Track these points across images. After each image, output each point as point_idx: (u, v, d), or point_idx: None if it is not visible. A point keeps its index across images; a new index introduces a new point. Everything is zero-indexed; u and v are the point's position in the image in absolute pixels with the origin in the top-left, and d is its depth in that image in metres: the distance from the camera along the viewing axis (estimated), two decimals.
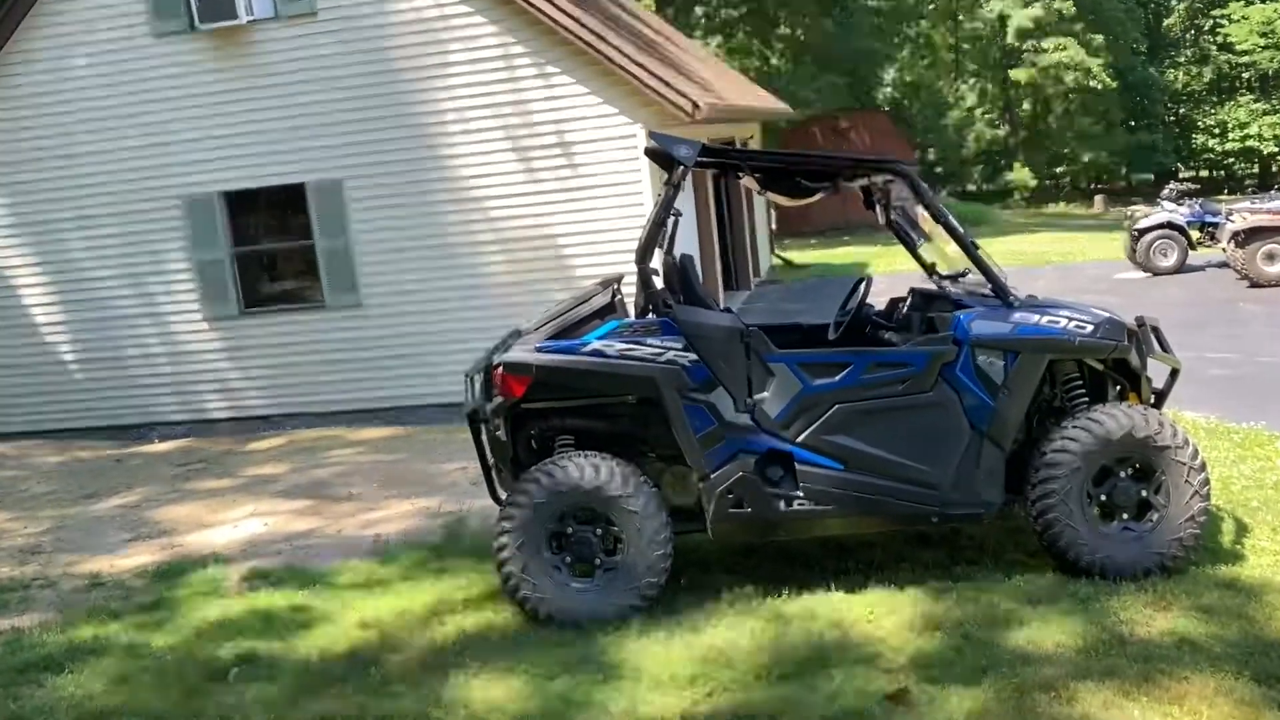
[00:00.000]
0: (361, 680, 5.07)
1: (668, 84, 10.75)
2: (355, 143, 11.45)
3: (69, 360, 12.36)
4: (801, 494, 5.51)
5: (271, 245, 12.24)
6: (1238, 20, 39.92)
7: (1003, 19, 41.59)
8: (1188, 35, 45.80)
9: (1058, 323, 5.55)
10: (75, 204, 12.00)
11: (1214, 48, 43.16)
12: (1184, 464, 5.45)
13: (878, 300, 6.73)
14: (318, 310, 11.86)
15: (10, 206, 12.15)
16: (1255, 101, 42.01)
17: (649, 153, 6.36)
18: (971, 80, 47.48)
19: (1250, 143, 41.04)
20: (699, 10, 33.14)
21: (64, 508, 9.15)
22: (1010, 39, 41.39)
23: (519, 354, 5.57)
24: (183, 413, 12.26)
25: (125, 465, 10.72)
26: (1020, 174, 42.46)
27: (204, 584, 6.71)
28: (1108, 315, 5.70)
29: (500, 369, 5.56)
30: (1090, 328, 5.57)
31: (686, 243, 11.95)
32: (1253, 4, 39.79)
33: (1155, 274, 17.06)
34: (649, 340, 5.52)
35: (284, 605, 6.18)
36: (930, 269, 6.36)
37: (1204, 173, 45.64)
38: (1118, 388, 5.87)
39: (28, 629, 6.20)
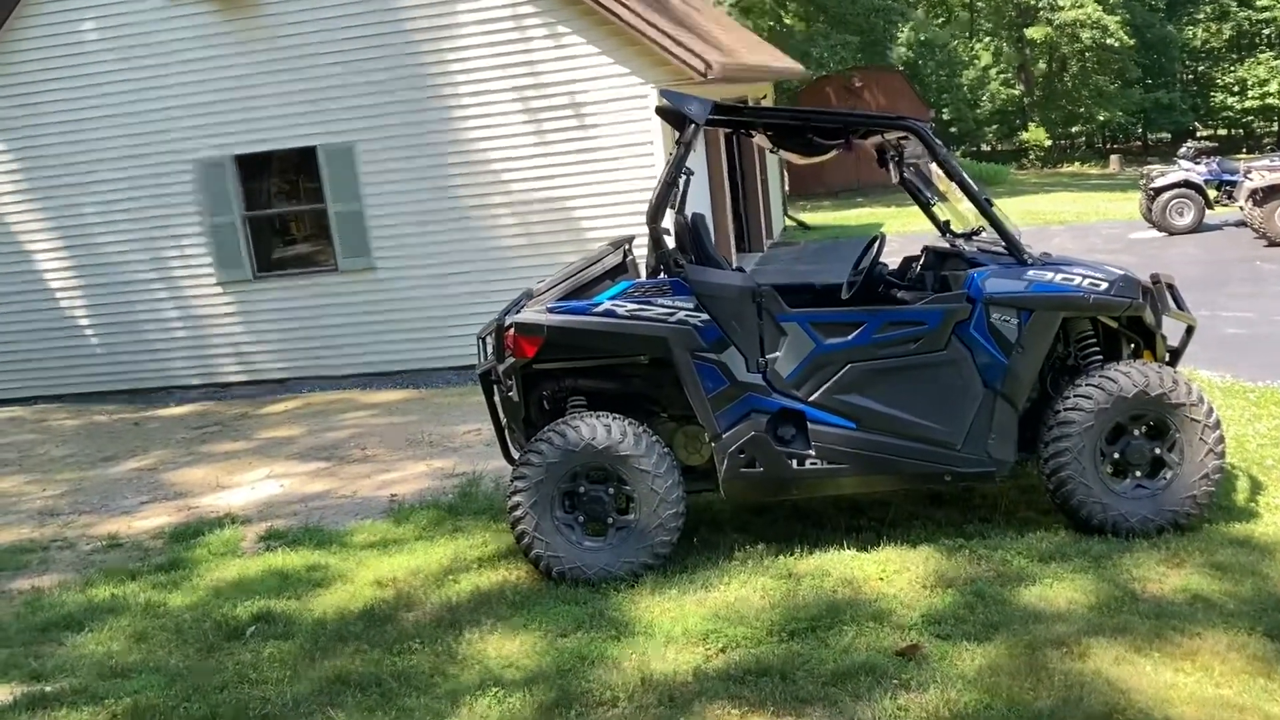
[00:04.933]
0: (377, 637, 5.12)
1: (680, 43, 10.67)
2: (367, 105, 11.41)
3: (85, 325, 12.42)
4: (814, 453, 5.51)
5: (284, 209, 12.27)
6: None
7: None
8: None
9: (1072, 280, 5.51)
10: (88, 170, 12.01)
11: (1234, 4, 42.55)
12: (1198, 421, 5.42)
13: (891, 259, 6.70)
14: (331, 274, 11.88)
15: (24, 173, 12.15)
16: (1275, 59, 41.49)
17: (660, 111, 6.31)
18: (986, 39, 46.98)
19: (1270, 100, 40.61)
20: None
21: (82, 470, 9.23)
22: None
23: (531, 315, 5.56)
24: (198, 376, 12.32)
25: (142, 429, 10.80)
26: (1035, 133, 42.11)
27: (220, 544, 6.77)
28: (1123, 273, 5.66)
29: (512, 330, 5.56)
30: (1105, 285, 5.53)
31: (698, 203, 11.91)
32: None
33: (1171, 233, 16.94)
34: (660, 300, 5.51)
35: (300, 565, 6.23)
36: (944, 227, 6.31)
37: (1222, 131, 45.18)
38: (1132, 345, 5.84)
39: (48, 589, 6.29)
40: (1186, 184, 17.02)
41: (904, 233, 17.42)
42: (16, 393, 12.65)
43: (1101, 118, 41.98)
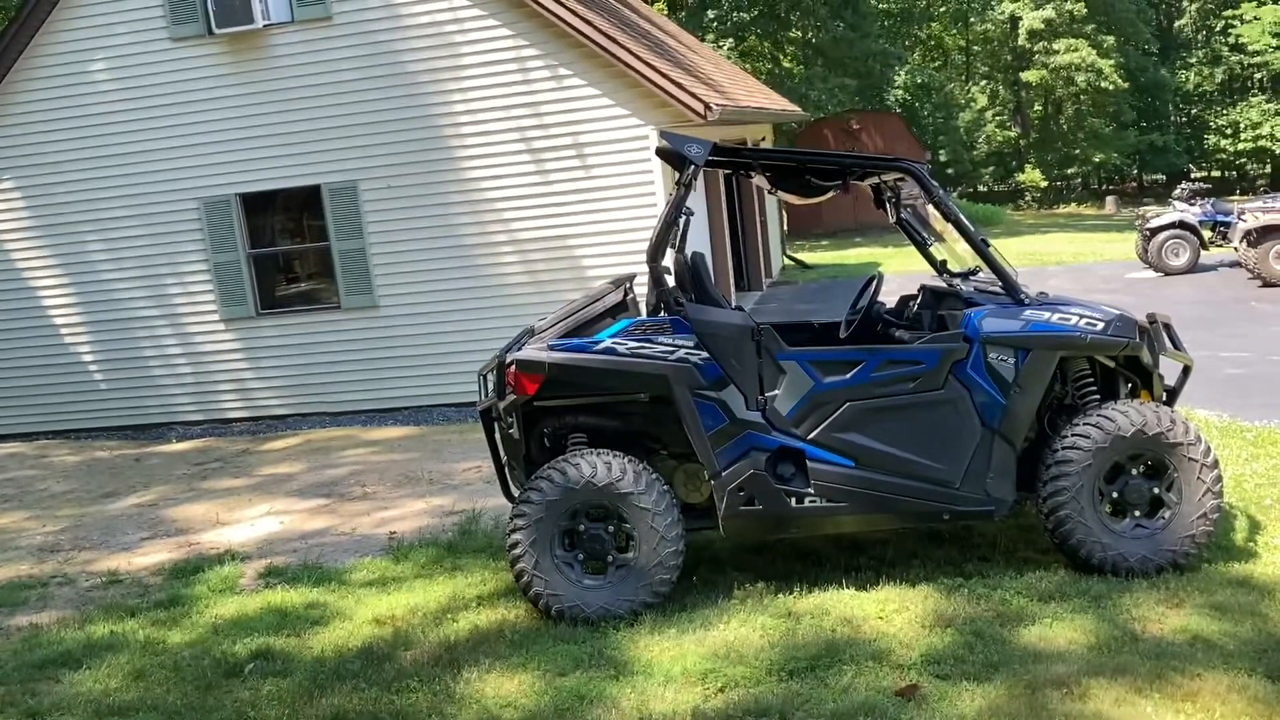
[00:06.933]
0: (375, 675, 5.11)
1: (680, 86, 10.80)
2: (370, 145, 11.53)
3: (88, 361, 12.46)
4: (813, 491, 5.52)
5: (288, 247, 12.37)
6: (1250, 21, 39.77)
7: (1014, 20, 41.55)
8: (1199, 36, 45.67)
9: (1069, 320, 5.56)
10: (94, 207, 12.12)
11: (1226, 48, 43.04)
12: (1196, 461, 5.44)
13: (889, 298, 6.75)
14: (333, 311, 11.95)
15: (30, 209, 12.26)
16: (1267, 102, 41.88)
17: (660, 152, 6.38)
18: (982, 82, 47.44)
19: (1262, 143, 40.91)
20: (711, 14, 33.17)
21: (82, 506, 9.22)
22: (1021, 40, 41.34)
23: (532, 352, 5.60)
24: (200, 413, 12.35)
25: (143, 464, 10.80)
26: (1031, 175, 42.42)
27: (220, 581, 6.76)
28: (1119, 313, 5.70)
29: (513, 367, 5.59)
30: (1102, 325, 5.57)
31: (698, 242, 11.99)
32: (1265, 4, 39.62)
33: (1167, 273, 17.03)
34: (661, 338, 5.54)
35: (299, 602, 6.22)
36: (940, 267, 6.37)
37: (1216, 173, 45.51)
38: (1129, 385, 5.87)
39: (46, 626, 6.27)
40: (1181, 225, 17.15)
41: (901, 272, 17.50)
42: (17, 428, 12.67)
43: (1097, 159, 42.30)
